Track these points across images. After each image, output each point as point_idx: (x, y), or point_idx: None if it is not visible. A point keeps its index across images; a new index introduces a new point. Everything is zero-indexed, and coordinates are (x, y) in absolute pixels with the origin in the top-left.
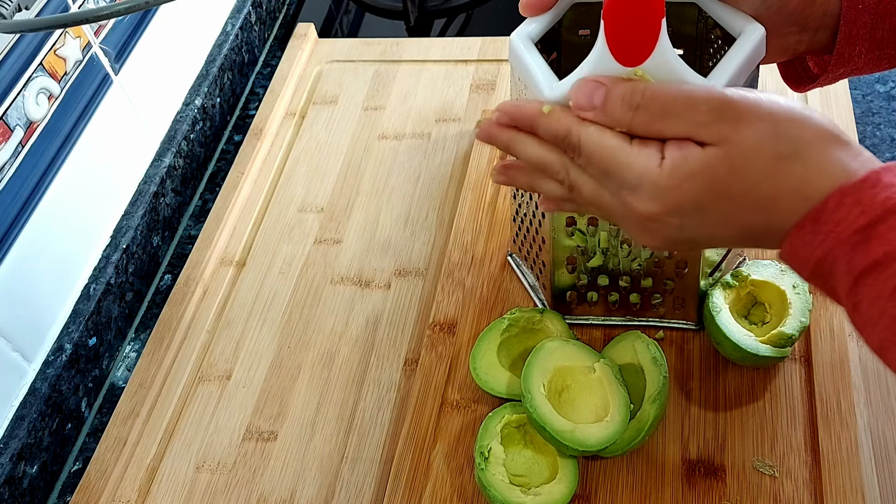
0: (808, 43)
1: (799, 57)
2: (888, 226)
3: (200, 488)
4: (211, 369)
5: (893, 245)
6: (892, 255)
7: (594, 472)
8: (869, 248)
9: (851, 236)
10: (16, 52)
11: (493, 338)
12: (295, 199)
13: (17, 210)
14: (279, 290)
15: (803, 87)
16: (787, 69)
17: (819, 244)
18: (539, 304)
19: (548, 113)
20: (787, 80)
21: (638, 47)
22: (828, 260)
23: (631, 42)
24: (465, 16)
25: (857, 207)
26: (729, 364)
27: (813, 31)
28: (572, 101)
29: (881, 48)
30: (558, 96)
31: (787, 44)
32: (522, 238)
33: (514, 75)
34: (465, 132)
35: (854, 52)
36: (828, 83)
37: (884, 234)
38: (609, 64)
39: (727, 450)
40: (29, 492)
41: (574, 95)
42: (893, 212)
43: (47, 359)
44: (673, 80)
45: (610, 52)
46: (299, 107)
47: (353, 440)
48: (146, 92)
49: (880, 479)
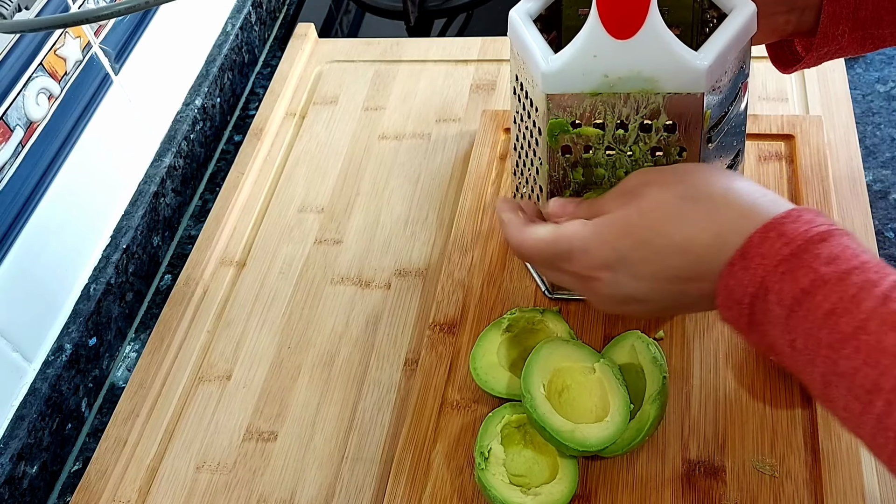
0: (795, 24)
1: (786, 39)
2: (812, 255)
3: (200, 488)
4: (211, 369)
5: (819, 272)
6: (819, 281)
7: (594, 472)
8: (796, 277)
9: (778, 265)
10: (16, 52)
11: (493, 338)
12: (295, 199)
13: (17, 210)
14: (279, 290)
15: (790, 69)
16: (776, 51)
17: (750, 279)
18: (541, 285)
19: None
20: (775, 63)
21: (628, 20)
22: (759, 295)
23: (622, 15)
24: (465, 16)
25: (780, 240)
26: (729, 364)
27: (800, 10)
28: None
29: (865, 28)
30: (554, 69)
31: (775, 24)
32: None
33: (512, 52)
34: (465, 132)
35: (838, 32)
36: (812, 64)
37: (809, 263)
38: (601, 37)
39: (727, 450)
40: (29, 492)
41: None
42: (815, 242)
43: (47, 359)
44: (663, 53)
45: (602, 26)
46: (299, 107)
47: (353, 440)
48: (146, 92)
49: (880, 479)
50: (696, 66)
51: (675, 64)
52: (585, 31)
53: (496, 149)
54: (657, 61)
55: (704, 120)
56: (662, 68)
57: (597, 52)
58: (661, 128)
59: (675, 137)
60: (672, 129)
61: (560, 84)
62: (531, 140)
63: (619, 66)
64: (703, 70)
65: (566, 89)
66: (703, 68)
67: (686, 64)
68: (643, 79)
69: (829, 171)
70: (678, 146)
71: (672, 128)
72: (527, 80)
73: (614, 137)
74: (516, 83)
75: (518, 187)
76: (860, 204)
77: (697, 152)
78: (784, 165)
